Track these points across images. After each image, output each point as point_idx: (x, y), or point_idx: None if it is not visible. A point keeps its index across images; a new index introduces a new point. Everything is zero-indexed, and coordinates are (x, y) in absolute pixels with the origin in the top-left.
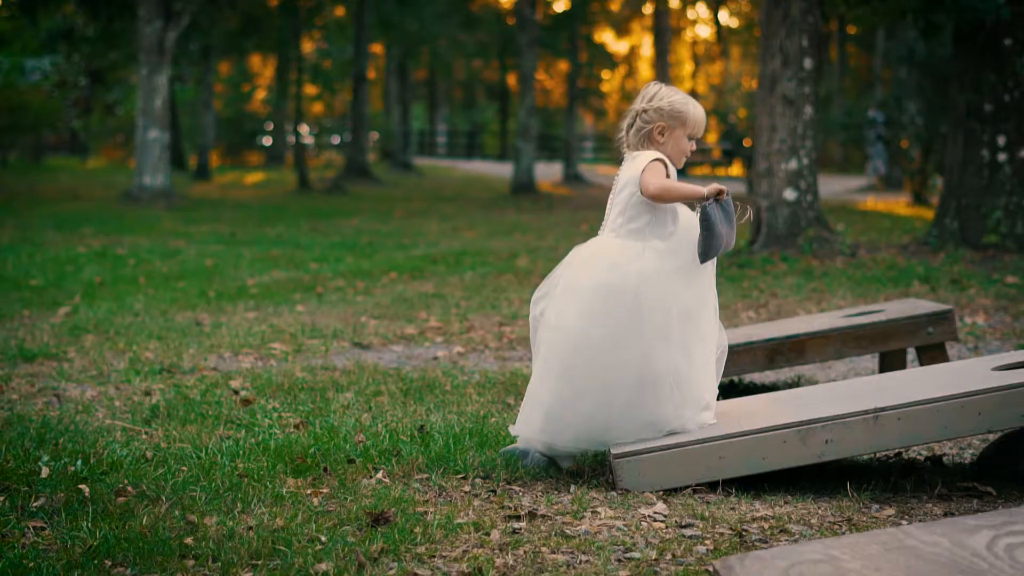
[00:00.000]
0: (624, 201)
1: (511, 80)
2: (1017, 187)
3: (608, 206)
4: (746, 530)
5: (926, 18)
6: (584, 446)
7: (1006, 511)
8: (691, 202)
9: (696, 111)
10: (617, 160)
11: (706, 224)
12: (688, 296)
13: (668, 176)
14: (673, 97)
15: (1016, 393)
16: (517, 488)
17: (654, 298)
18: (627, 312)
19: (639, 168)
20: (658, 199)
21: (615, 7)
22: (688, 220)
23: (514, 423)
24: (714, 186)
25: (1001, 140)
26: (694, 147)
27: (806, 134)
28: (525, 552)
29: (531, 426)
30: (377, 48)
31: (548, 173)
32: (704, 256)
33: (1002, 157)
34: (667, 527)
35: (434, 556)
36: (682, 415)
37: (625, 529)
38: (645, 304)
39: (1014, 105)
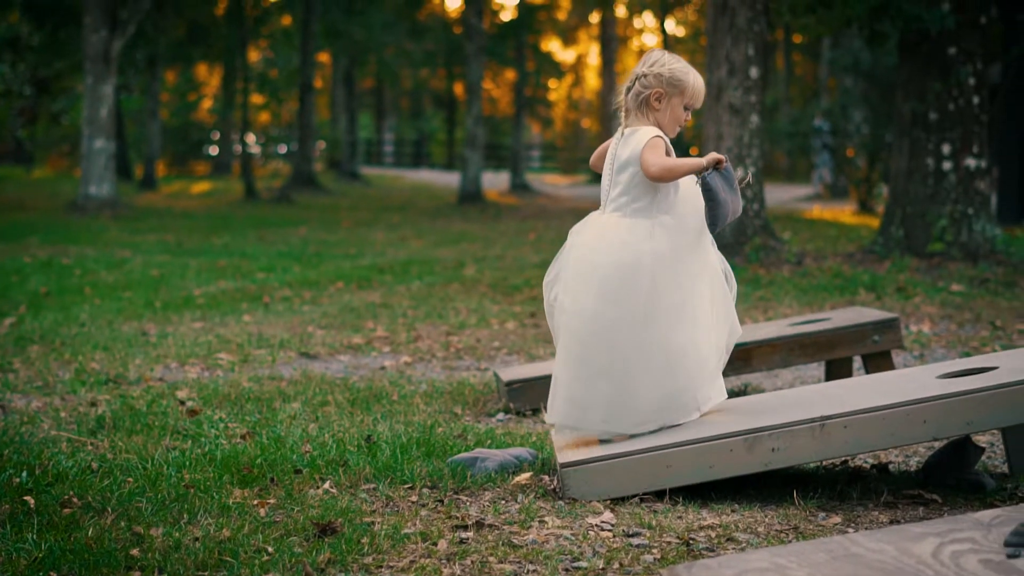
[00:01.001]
0: (627, 181)
1: (458, 89)
2: (962, 195)
3: (605, 181)
4: (693, 539)
5: (871, 27)
6: (612, 428)
7: (951, 518)
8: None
9: (696, 81)
10: (566, 170)
11: (709, 194)
12: (696, 268)
13: (668, 153)
14: (674, 65)
15: (961, 401)
16: (464, 498)
17: (670, 278)
18: (644, 293)
19: (639, 146)
20: (662, 179)
21: (562, 16)
22: (687, 189)
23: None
24: (712, 155)
25: (946, 148)
26: (689, 117)
27: (752, 143)
28: (472, 562)
29: (558, 412)
30: (324, 57)
31: (495, 182)
32: (713, 226)
33: (947, 165)
34: (614, 536)
35: (381, 566)
36: (697, 386)
37: (573, 538)
38: (661, 284)
39: (959, 114)
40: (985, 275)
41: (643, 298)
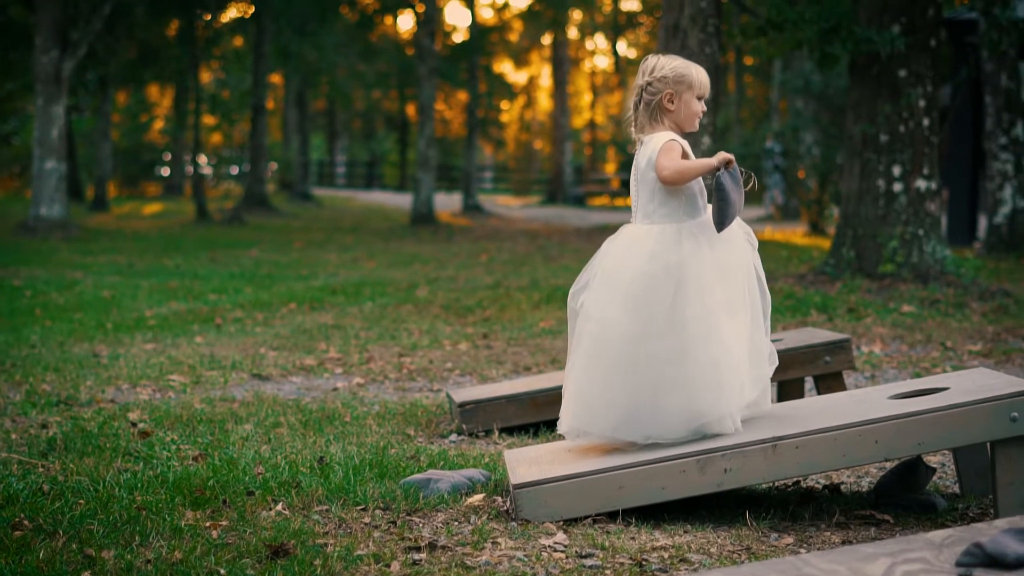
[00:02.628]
0: (651, 187)
1: (410, 110)
2: (912, 217)
3: (633, 193)
4: (646, 560)
5: (822, 49)
6: (622, 435)
7: (903, 539)
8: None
9: (699, 72)
10: (518, 191)
11: (720, 193)
12: (725, 285)
13: (685, 154)
14: (673, 64)
15: (912, 421)
16: (417, 519)
17: (694, 288)
18: (668, 303)
19: (654, 151)
20: (675, 183)
21: (514, 38)
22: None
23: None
24: (722, 155)
25: (896, 170)
26: (705, 108)
27: None
28: None
29: (572, 415)
30: (276, 78)
31: (447, 203)
32: (720, 225)
33: (898, 187)
34: (567, 557)
35: None
36: (720, 406)
37: (525, 560)
38: (686, 294)
39: (909, 135)
40: (935, 296)
41: (666, 308)
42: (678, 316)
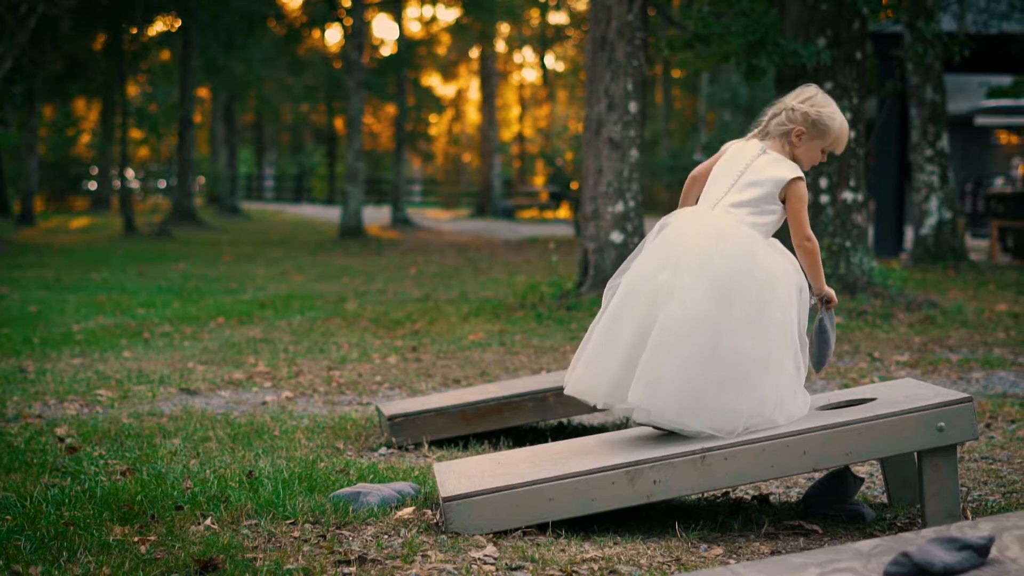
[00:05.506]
0: (757, 196)
1: (339, 123)
2: (839, 228)
3: (724, 181)
4: (576, 571)
5: (748, 62)
6: (685, 422)
7: (832, 548)
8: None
9: (841, 130)
10: (447, 204)
11: (823, 336)
12: (797, 304)
13: None
14: (824, 108)
15: (839, 432)
16: (347, 533)
17: (781, 296)
18: (756, 302)
19: (784, 179)
20: (800, 251)
21: (442, 51)
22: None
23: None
24: (832, 292)
25: (823, 182)
26: (824, 158)
27: (632, 177)
28: None
29: (640, 396)
30: (203, 91)
31: (376, 217)
32: (819, 365)
33: (824, 199)
34: (497, 569)
35: None
36: (777, 414)
37: (455, 572)
38: (773, 299)
39: None
40: (863, 307)
41: (753, 307)
42: (763, 318)
